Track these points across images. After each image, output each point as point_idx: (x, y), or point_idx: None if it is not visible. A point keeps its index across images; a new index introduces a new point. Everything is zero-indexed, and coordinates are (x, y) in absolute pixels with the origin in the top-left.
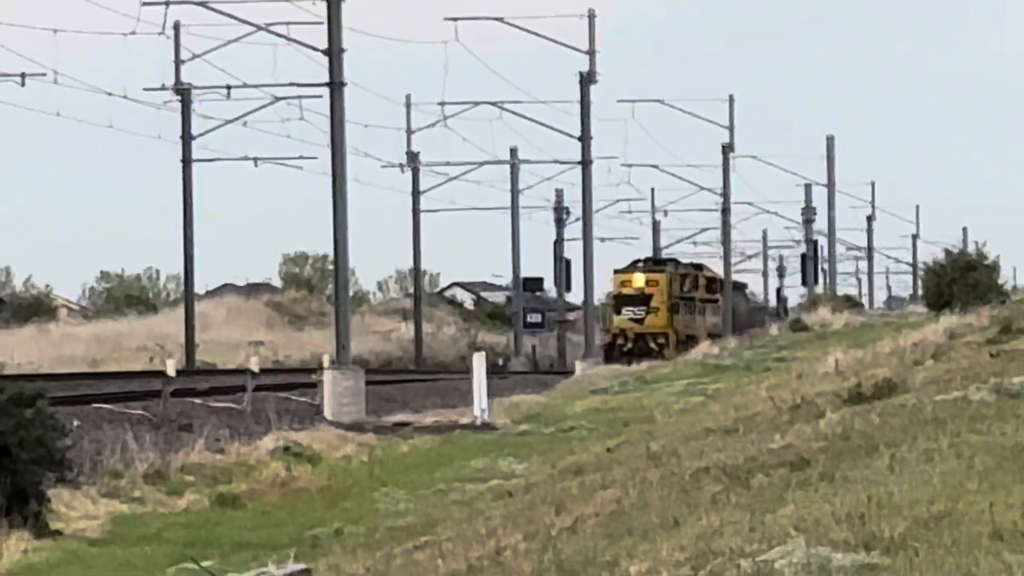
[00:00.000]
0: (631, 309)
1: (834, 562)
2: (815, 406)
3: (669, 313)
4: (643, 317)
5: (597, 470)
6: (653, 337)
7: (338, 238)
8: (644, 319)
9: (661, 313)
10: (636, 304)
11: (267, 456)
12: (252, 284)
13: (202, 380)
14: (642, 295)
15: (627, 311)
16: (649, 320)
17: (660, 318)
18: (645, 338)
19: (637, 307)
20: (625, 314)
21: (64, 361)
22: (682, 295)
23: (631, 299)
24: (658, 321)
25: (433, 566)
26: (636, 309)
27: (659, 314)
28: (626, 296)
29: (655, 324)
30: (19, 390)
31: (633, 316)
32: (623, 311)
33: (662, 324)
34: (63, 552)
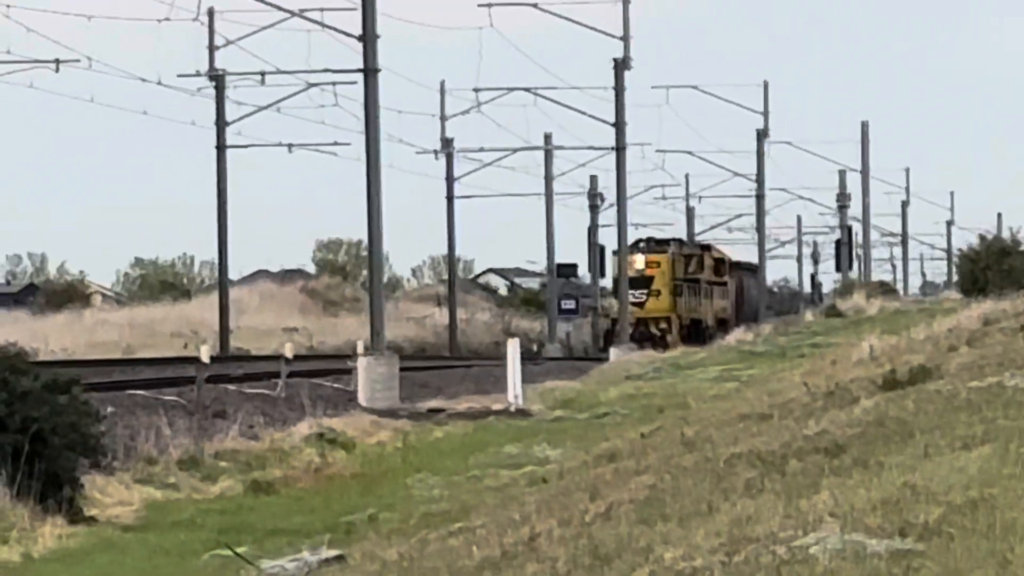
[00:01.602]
0: (631, 292)
1: (869, 548)
2: (849, 392)
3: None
4: (644, 301)
5: (631, 456)
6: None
7: (372, 224)
8: (645, 303)
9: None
10: (636, 287)
11: (301, 442)
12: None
13: (236, 366)
14: (643, 277)
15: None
16: (650, 304)
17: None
18: (646, 323)
19: (637, 290)
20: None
21: (98, 347)
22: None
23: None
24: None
25: (467, 552)
26: (636, 292)
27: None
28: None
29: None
30: (53, 376)
31: (633, 300)
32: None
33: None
34: (97, 538)
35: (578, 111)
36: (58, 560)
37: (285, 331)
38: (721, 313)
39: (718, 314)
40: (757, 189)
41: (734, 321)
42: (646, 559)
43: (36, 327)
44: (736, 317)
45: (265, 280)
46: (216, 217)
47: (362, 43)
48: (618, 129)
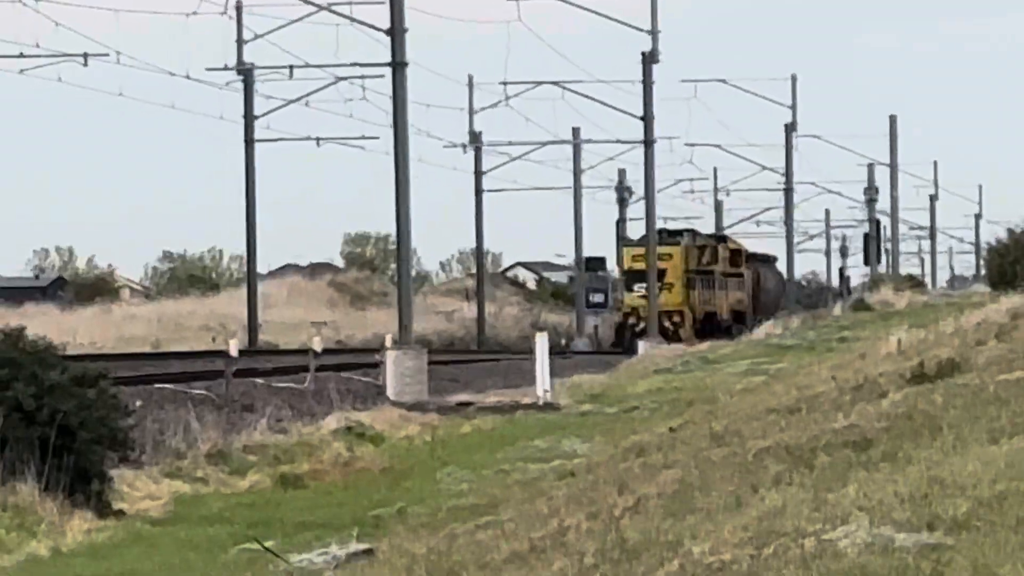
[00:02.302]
0: (643, 285)
1: (897, 542)
2: (878, 386)
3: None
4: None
5: (659, 450)
6: (667, 315)
7: (401, 218)
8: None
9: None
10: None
11: (329, 436)
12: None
13: (264, 360)
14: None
15: (639, 288)
16: (663, 297)
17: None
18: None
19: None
20: (637, 291)
21: (126, 341)
22: (700, 269)
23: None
24: (672, 298)
25: (496, 546)
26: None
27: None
28: (638, 271)
29: (669, 302)
30: (82, 370)
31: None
32: (635, 288)
33: (677, 301)
34: (126, 532)
35: (606, 105)
36: (87, 554)
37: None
38: (737, 306)
39: (733, 307)
40: (785, 183)
41: (751, 314)
42: (674, 553)
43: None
44: (753, 310)
45: (293, 274)
46: (244, 211)
47: (390, 37)
48: (646, 123)
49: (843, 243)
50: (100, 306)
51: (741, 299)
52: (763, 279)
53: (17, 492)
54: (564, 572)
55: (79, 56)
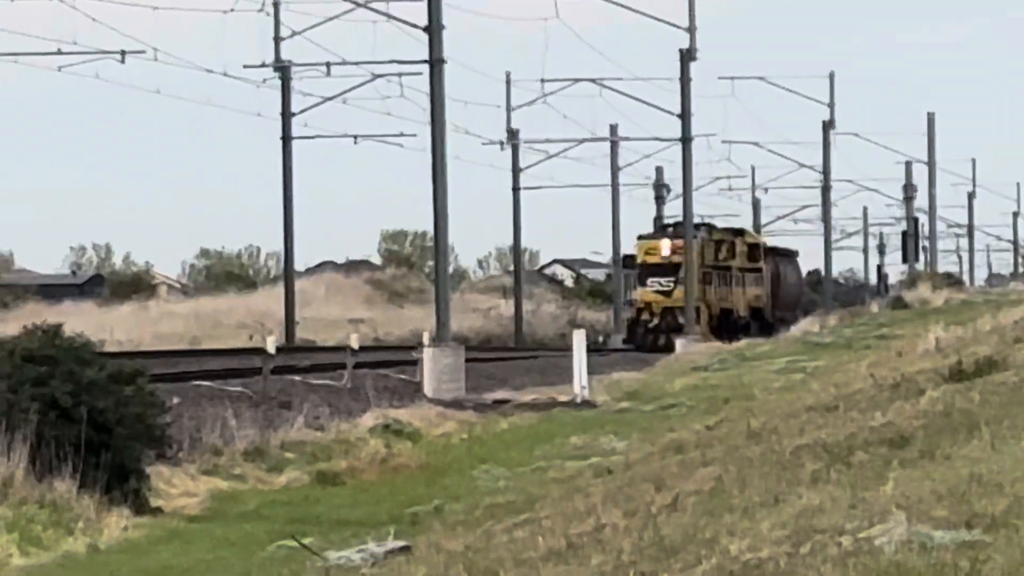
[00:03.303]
0: (657, 280)
1: (935, 539)
2: (915, 384)
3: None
4: (671, 289)
5: (697, 447)
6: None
7: (438, 215)
8: (672, 291)
9: None
10: (662, 274)
11: (367, 433)
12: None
13: (302, 357)
14: (669, 264)
15: (652, 282)
16: (678, 293)
17: None
18: (673, 312)
19: (664, 278)
20: (650, 286)
21: (163, 338)
22: (716, 264)
23: (657, 268)
24: None
25: (533, 543)
26: (663, 280)
27: None
28: (651, 265)
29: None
30: (119, 367)
31: (659, 288)
32: (648, 282)
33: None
34: (163, 529)
35: (644, 102)
36: (124, 551)
37: (351, 322)
38: (755, 302)
39: (752, 303)
40: (823, 180)
41: (770, 311)
42: (712, 550)
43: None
44: (772, 307)
45: (331, 271)
46: (282, 208)
47: (428, 34)
48: (684, 120)
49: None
50: (137, 303)
51: (759, 295)
52: (783, 275)
53: (54, 489)
54: (601, 569)
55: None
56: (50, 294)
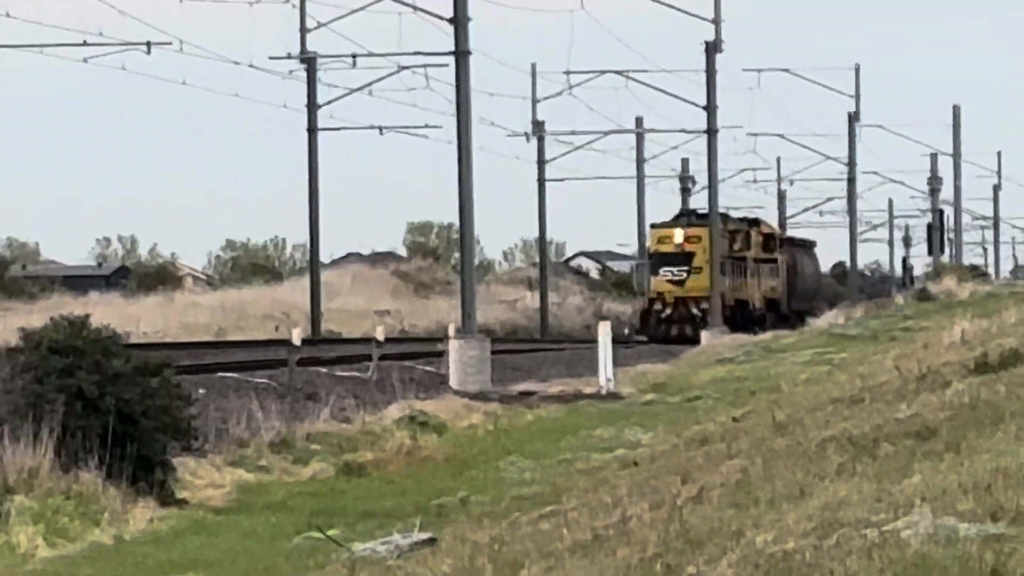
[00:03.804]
0: (670, 269)
1: (961, 532)
2: (941, 376)
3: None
4: (684, 279)
5: (723, 440)
6: (695, 302)
7: (464, 207)
8: (685, 281)
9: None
10: (676, 264)
11: (392, 425)
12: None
13: (327, 349)
14: (682, 253)
15: (665, 272)
16: (691, 282)
17: (703, 280)
18: (686, 303)
19: (676, 267)
20: (663, 275)
21: (189, 330)
22: (731, 254)
23: (670, 258)
24: (701, 283)
25: (559, 535)
26: (676, 270)
27: (702, 275)
28: (664, 254)
29: (697, 287)
30: (145, 359)
31: (672, 278)
32: (661, 272)
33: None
34: (189, 521)
35: (669, 94)
36: (150, 542)
37: (376, 314)
38: (771, 293)
39: (767, 294)
40: (848, 172)
41: (786, 303)
42: (737, 543)
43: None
44: (788, 298)
45: (356, 263)
46: (307, 200)
47: (453, 25)
48: (709, 112)
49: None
50: (163, 295)
51: (775, 287)
52: (799, 266)
53: (80, 481)
54: (627, 562)
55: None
56: (76, 285)
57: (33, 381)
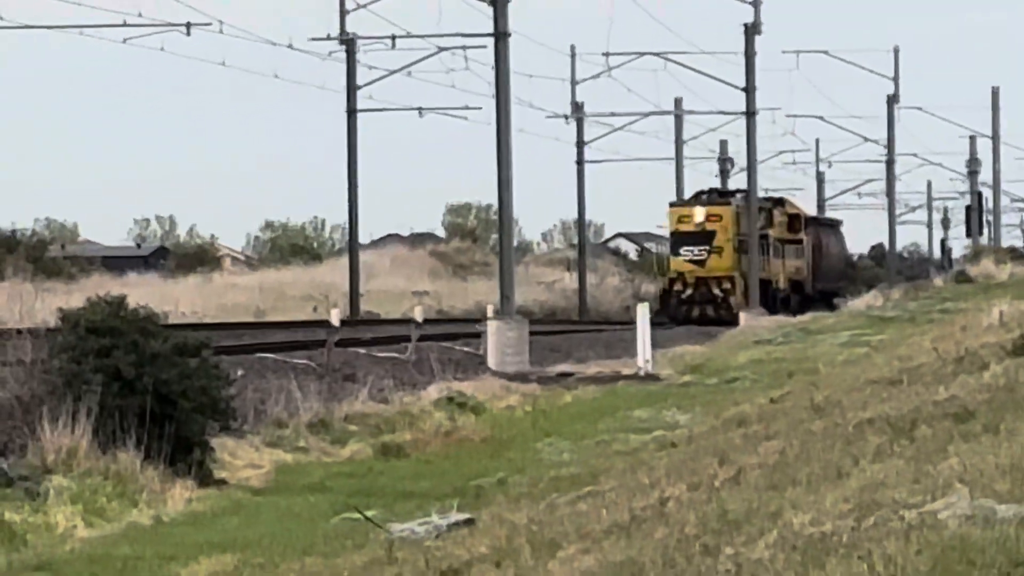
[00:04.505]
0: (690, 249)
1: (998, 513)
2: (979, 358)
3: (736, 254)
4: (704, 258)
5: (760, 421)
6: (717, 282)
7: (502, 188)
8: (706, 261)
9: (726, 254)
10: (696, 243)
11: (431, 406)
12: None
13: (366, 330)
14: (703, 232)
15: (686, 251)
16: (712, 262)
17: (725, 259)
18: (707, 283)
19: (697, 246)
20: (683, 255)
21: (228, 310)
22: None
23: (690, 237)
24: (722, 263)
25: (597, 516)
26: (696, 249)
27: (724, 255)
28: (684, 234)
29: (719, 267)
30: (183, 339)
31: (693, 257)
32: (681, 251)
33: (727, 267)
34: (227, 501)
35: (708, 76)
36: (188, 523)
37: (415, 295)
38: (795, 274)
39: (791, 275)
40: (887, 154)
41: (811, 284)
42: (775, 524)
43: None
44: (813, 279)
45: (395, 244)
46: (346, 181)
47: (493, 7)
48: (748, 94)
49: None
50: (202, 275)
51: (800, 267)
52: (825, 246)
53: (118, 461)
54: (665, 543)
55: (182, 26)
56: (114, 266)
57: (71, 361)
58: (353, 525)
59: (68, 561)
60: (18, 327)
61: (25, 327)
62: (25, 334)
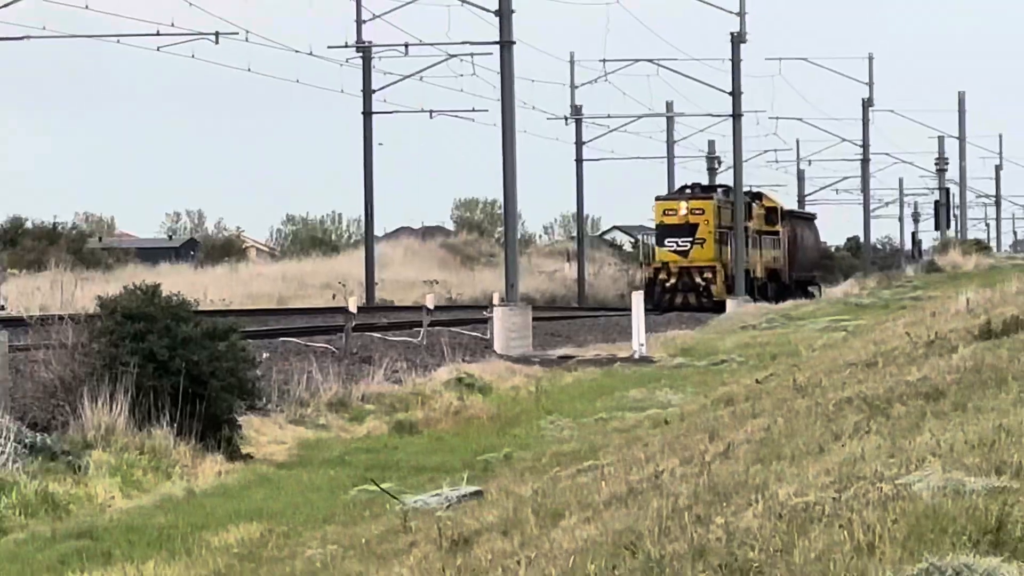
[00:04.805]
0: (674, 240)
1: (967, 485)
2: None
3: (717, 245)
4: (688, 249)
5: (747, 400)
6: (699, 271)
7: (507, 185)
8: (689, 251)
9: (708, 245)
10: (680, 235)
11: (441, 386)
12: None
13: (381, 316)
14: (687, 224)
15: (670, 242)
16: (694, 253)
17: (706, 250)
18: (690, 272)
19: (681, 238)
20: (668, 246)
21: (253, 298)
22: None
23: (674, 229)
24: (704, 254)
25: (596, 488)
26: (680, 240)
27: (705, 246)
28: (669, 226)
29: (701, 257)
30: (213, 324)
31: (677, 248)
32: (665, 242)
33: (709, 257)
34: (254, 474)
35: (698, 81)
36: (218, 494)
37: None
38: (772, 264)
39: (768, 265)
40: (862, 154)
41: (787, 273)
42: (761, 495)
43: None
44: (789, 269)
45: (408, 236)
46: (362, 177)
47: (498, 17)
48: (734, 97)
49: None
50: (229, 265)
51: (776, 257)
52: (800, 238)
53: (153, 437)
54: (660, 512)
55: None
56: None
57: (109, 345)
58: (370, 496)
59: (107, 529)
60: (60, 313)
61: (66, 313)
62: (66, 320)
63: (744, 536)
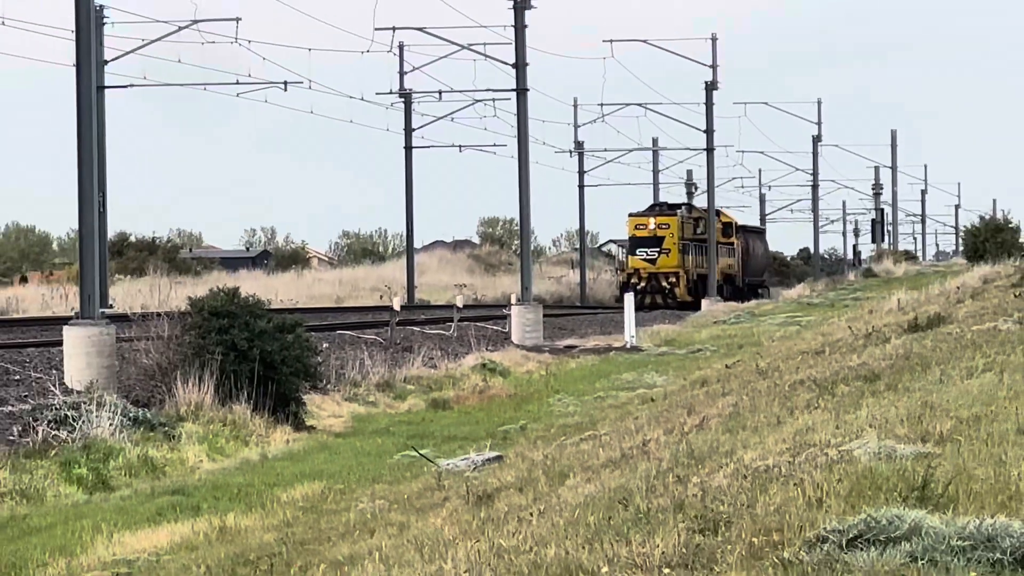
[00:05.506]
0: (644, 250)
1: (898, 451)
2: (883, 334)
3: (680, 254)
4: (656, 258)
5: (718, 382)
6: (665, 276)
7: (522, 205)
8: (656, 259)
9: (672, 254)
10: (649, 245)
11: (469, 370)
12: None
13: (420, 313)
14: (655, 237)
15: (641, 252)
16: (661, 260)
17: (672, 259)
18: (657, 277)
19: (650, 248)
20: (639, 255)
21: (315, 298)
22: (694, 237)
23: (645, 241)
24: (670, 261)
25: (595, 453)
26: (649, 250)
27: (671, 255)
28: (640, 238)
29: (667, 264)
30: (282, 320)
31: (646, 257)
32: (637, 252)
33: (673, 264)
34: (316, 442)
35: (678, 121)
36: (286, 459)
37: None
38: (727, 270)
39: (724, 270)
40: (812, 180)
41: (740, 278)
42: (730, 459)
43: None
44: (743, 274)
45: (441, 248)
46: (404, 200)
47: (515, 69)
48: (708, 135)
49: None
50: (295, 272)
51: (732, 264)
52: (752, 248)
53: (233, 412)
54: (647, 473)
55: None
56: (229, 265)
57: (198, 337)
58: (411, 460)
59: (196, 487)
60: (157, 311)
61: (163, 311)
62: (163, 316)
63: (716, 493)
